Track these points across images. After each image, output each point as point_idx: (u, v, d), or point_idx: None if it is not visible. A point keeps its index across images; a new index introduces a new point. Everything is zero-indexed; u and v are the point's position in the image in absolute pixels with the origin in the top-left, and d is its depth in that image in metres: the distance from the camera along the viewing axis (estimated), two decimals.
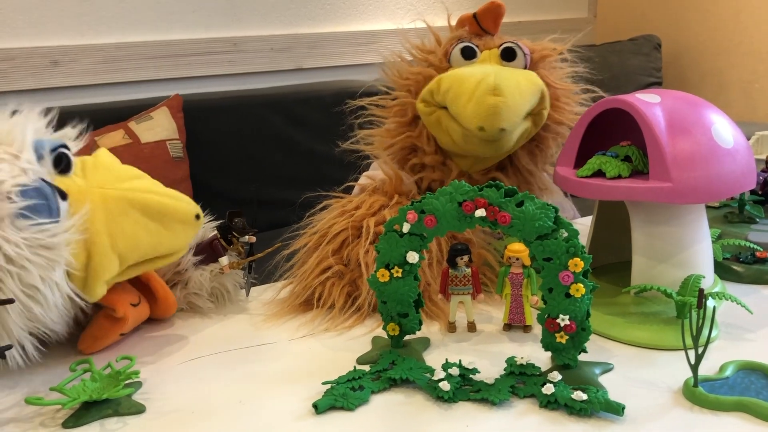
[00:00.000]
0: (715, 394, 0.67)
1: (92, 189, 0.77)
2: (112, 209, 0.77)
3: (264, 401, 0.71)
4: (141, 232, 0.78)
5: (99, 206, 0.76)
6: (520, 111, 0.93)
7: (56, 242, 0.71)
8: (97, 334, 0.82)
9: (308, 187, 1.16)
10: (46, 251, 0.71)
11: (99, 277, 0.75)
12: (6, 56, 1.69)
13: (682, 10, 2.48)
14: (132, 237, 0.77)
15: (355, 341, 0.84)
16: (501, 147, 0.96)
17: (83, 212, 0.74)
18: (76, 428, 0.68)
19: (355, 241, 0.92)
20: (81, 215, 0.74)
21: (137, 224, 0.78)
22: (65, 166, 0.77)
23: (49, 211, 0.72)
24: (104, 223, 0.76)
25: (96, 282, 0.76)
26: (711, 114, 0.84)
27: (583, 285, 0.70)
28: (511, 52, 1.00)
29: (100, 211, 0.76)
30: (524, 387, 0.71)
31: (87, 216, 0.74)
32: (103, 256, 0.75)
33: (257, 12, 2.03)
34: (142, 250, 0.79)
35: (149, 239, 0.79)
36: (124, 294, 0.83)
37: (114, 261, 0.76)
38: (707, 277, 0.85)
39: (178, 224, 0.81)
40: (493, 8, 1.03)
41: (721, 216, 1.11)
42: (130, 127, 1.60)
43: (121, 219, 0.77)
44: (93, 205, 0.76)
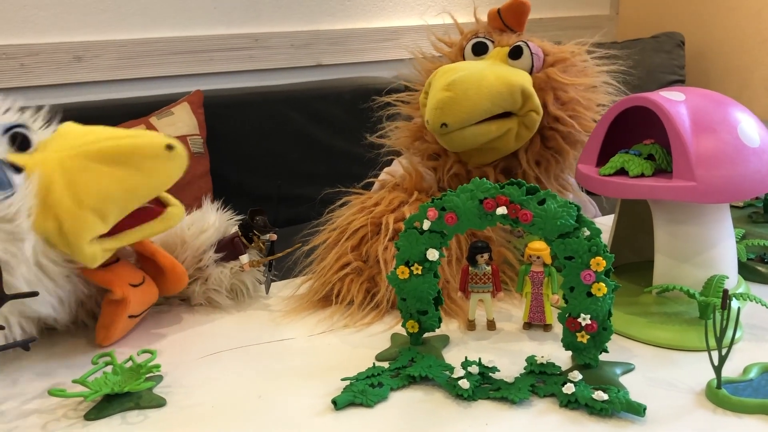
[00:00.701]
0: (739, 396, 0.66)
1: (49, 155, 0.76)
2: (69, 168, 0.75)
3: (283, 397, 0.72)
4: (107, 182, 0.75)
5: (56, 170, 0.75)
6: (470, 108, 0.91)
7: (12, 213, 0.71)
8: (105, 323, 0.82)
9: (327, 183, 1.16)
10: (7, 224, 0.71)
11: (79, 238, 0.74)
12: (30, 52, 1.71)
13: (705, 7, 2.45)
14: (98, 189, 0.75)
15: (374, 338, 0.84)
16: (454, 144, 0.95)
17: (34, 177, 0.73)
18: (98, 420, 0.69)
19: (374, 237, 0.92)
20: (31, 181, 0.73)
21: (101, 175, 0.75)
22: (21, 143, 0.77)
23: (1, 185, 0.72)
24: (63, 185, 0.74)
25: (79, 244, 0.75)
26: (737, 112, 0.83)
27: (604, 284, 0.70)
28: (517, 51, 0.99)
29: (57, 174, 0.75)
30: (544, 386, 0.70)
31: (42, 181, 0.74)
32: (73, 218, 0.74)
33: (278, 8, 2.03)
34: (119, 199, 0.76)
35: (121, 186, 0.76)
36: (123, 274, 0.83)
37: (88, 218, 0.75)
38: (731, 277, 0.84)
39: (148, 161, 0.77)
40: (516, 6, 1.02)
41: (746, 216, 1.10)
42: (151, 122, 1.61)
43: (81, 175, 0.75)
44: (49, 169, 0.75)
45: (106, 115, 1.62)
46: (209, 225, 0.94)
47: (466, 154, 1.01)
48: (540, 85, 0.97)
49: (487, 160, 1.01)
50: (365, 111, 1.13)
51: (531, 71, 0.98)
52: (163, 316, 0.92)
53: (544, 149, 1.00)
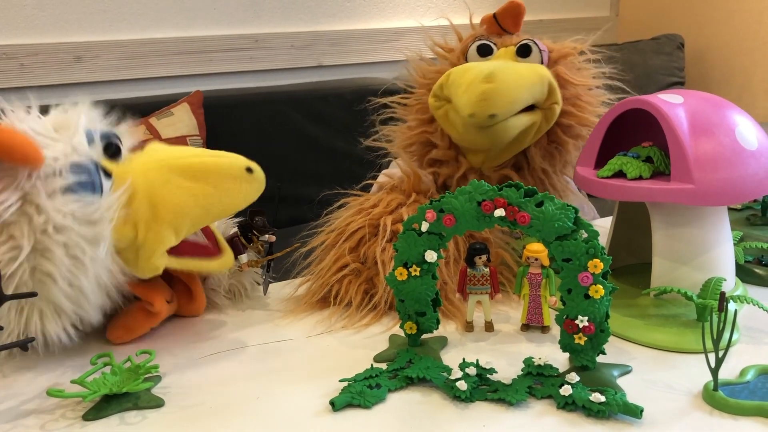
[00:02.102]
0: (736, 398, 0.67)
1: (134, 167, 0.80)
2: (152, 180, 0.78)
3: (281, 397, 0.72)
4: (185, 197, 0.78)
5: (140, 181, 0.78)
6: (514, 97, 0.91)
7: (99, 217, 0.74)
8: (131, 326, 0.84)
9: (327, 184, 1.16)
10: (90, 226, 0.74)
11: (152, 250, 0.77)
12: (30, 52, 1.71)
13: (705, 9, 2.45)
14: (177, 204, 0.78)
15: (372, 339, 0.84)
16: (497, 136, 0.95)
17: (124, 187, 0.76)
18: (96, 421, 0.69)
19: (372, 239, 0.92)
20: (121, 191, 0.76)
21: (181, 189, 0.78)
22: (114, 151, 0.80)
23: (92, 188, 0.75)
24: (145, 196, 0.77)
25: (150, 256, 0.77)
26: (735, 115, 0.83)
27: (602, 286, 0.70)
28: (526, 49, 0.99)
29: (141, 185, 0.78)
30: (542, 388, 0.71)
31: (128, 191, 0.77)
32: (149, 230, 0.77)
33: (278, 9, 2.03)
34: (193, 215, 0.79)
35: (197, 202, 0.79)
36: (162, 290, 0.85)
37: (163, 232, 0.77)
38: (728, 280, 0.84)
39: (227, 181, 0.80)
40: (512, 8, 1.02)
41: (744, 218, 1.10)
42: (151, 122, 1.61)
43: (162, 188, 0.78)
44: (134, 179, 0.78)
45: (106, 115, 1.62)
46: None
47: (478, 158, 1.01)
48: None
49: (501, 159, 1.01)
50: (365, 112, 1.13)
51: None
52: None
53: (548, 143, 1.02)
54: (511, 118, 0.93)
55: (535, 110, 0.97)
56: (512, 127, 0.94)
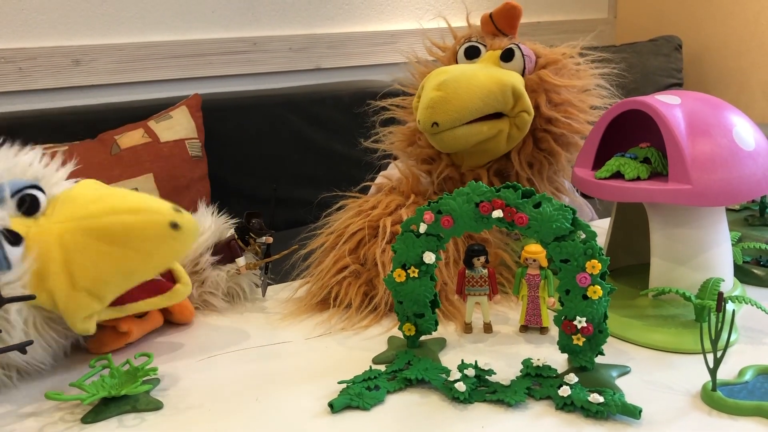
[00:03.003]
0: (734, 398, 0.67)
1: (51, 227, 0.73)
2: (68, 245, 0.72)
3: (280, 399, 0.72)
4: (104, 264, 0.72)
5: (55, 245, 0.72)
6: (461, 107, 0.91)
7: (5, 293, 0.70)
8: (104, 341, 0.83)
9: (325, 186, 1.16)
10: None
11: (73, 316, 0.73)
12: (28, 56, 1.71)
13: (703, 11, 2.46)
14: (95, 271, 0.72)
15: (371, 341, 0.84)
16: (449, 144, 0.95)
17: (31, 257, 0.71)
18: (95, 424, 0.69)
19: (372, 240, 0.92)
20: (28, 262, 0.71)
21: (99, 255, 0.72)
22: (29, 207, 0.75)
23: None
24: (60, 263, 0.72)
25: (73, 321, 0.73)
26: (732, 116, 0.83)
27: (600, 287, 0.70)
28: (509, 53, 0.99)
29: (56, 250, 0.72)
30: (540, 389, 0.71)
31: (40, 256, 0.72)
32: (67, 298, 0.72)
33: (276, 12, 2.03)
34: (115, 281, 0.74)
35: (118, 269, 0.73)
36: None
37: (82, 299, 0.73)
38: (727, 280, 0.84)
39: (148, 242, 0.73)
40: (507, 9, 1.02)
41: (742, 219, 1.10)
42: (149, 126, 1.61)
43: (78, 255, 0.72)
44: (48, 244, 0.72)
45: (105, 119, 1.63)
46: (205, 228, 0.94)
47: (459, 157, 1.01)
48: (532, 86, 0.98)
49: (480, 162, 1.01)
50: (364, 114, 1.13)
51: (523, 73, 0.98)
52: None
53: (537, 151, 1.00)
54: (462, 127, 0.93)
55: (502, 118, 0.96)
56: (463, 136, 0.93)
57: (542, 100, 0.98)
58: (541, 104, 0.97)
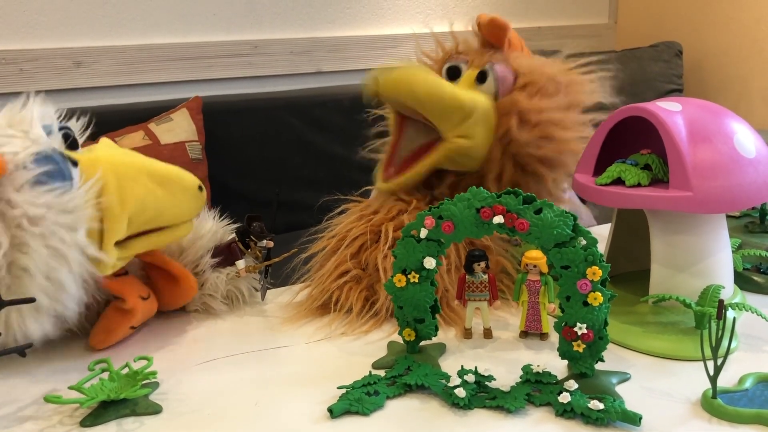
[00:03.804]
0: (734, 406, 0.67)
1: (101, 157, 0.81)
2: (122, 173, 0.80)
3: (279, 404, 0.72)
4: (149, 196, 0.81)
5: (109, 171, 0.79)
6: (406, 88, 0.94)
7: (75, 204, 0.74)
8: (108, 327, 0.84)
9: (326, 189, 1.16)
10: (66, 214, 0.74)
11: (109, 239, 0.78)
12: (30, 57, 1.71)
13: (703, 17, 2.46)
14: (140, 200, 0.80)
15: (371, 346, 0.84)
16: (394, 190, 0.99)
17: (97, 176, 0.78)
18: (94, 427, 0.69)
19: (373, 245, 0.92)
20: (95, 179, 0.77)
21: (146, 188, 0.81)
22: (72, 142, 0.81)
23: (62, 176, 0.75)
24: (115, 187, 0.79)
25: (107, 245, 0.78)
26: (733, 123, 0.83)
27: (601, 294, 0.70)
28: (482, 76, 0.98)
29: (111, 175, 0.79)
30: (540, 395, 0.70)
31: (101, 180, 0.78)
32: (114, 219, 0.78)
33: (277, 15, 2.03)
34: (148, 215, 0.82)
35: (156, 204, 0.82)
36: (135, 286, 0.85)
37: (123, 223, 0.79)
38: (727, 287, 0.84)
39: (182, 192, 0.85)
40: (492, 24, 1.00)
41: (742, 226, 1.10)
42: (150, 128, 1.61)
43: (130, 183, 0.80)
44: (105, 170, 0.79)
45: (106, 120, 1.62)
46: (206, 231, 0.94)
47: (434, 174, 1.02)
48: (504, 109, 0.96)
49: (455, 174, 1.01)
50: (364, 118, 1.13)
51: (498, 96, 0.97)
52: (159, 322, 0.92)
53: (522, 173, 0.98)
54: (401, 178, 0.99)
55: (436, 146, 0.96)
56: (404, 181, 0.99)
57: (513, 123, 0.95)
58: (512, 128, 0.95)
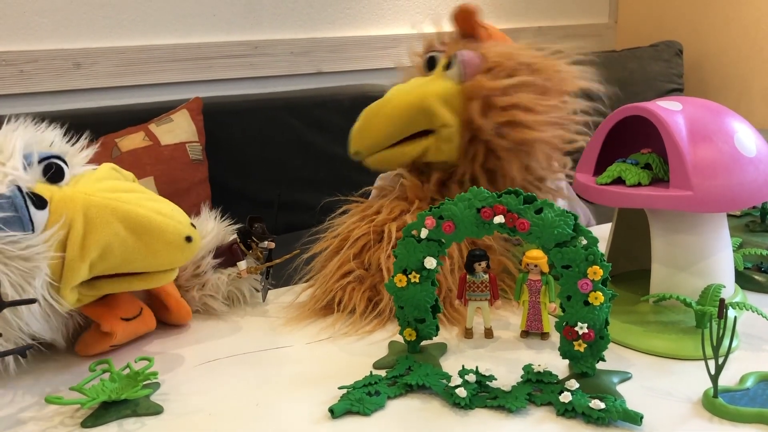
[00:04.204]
0: (736, 405, 0.67)
1: (77, 195, 0.76)
2: (92, 217, 0.75)
3: (280, 404, 0.72)
4: (116, 243, 0.75)
5: (79, 214, 0.75)
6: (375, 134, 0.98)
7: (30, 254, 0.71)
8: (88, 341, 0.83)
9: (326, 190, 1.16)
10: (22, 262, 0.71)
11: (66, 283, 0.75)
12: (29, 58, 1.71)
13: (703, 17, 2.46)
14: (105, 246, 0.75)
15: (372, 346, 0.84)
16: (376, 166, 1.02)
17: (59, 224, 0.73)
18: (95, 428, 0.69)
19: (376, 245, 0.92)
20: (55, 229, 0.73)
21: (115, 237, 0.75)
22: (54, 174, 0.77)
23: (20, 224, 0.72)
24: (80, 232, 0.74)
25: (64, 287, 0.75)
26: (733, 122, 0.83)
27: (602, 293, 0.70)
28: (448, 63, 1.00)
29: (79, 219, 0.74)
30: (541, 395, 0.70)
31: (65, 224, 0.74)
32: (71, 266, 0.74)
33: (277, 16, 2.04)
34: (113, 260, 0.76)
35: (123, 251, 0.76)
36: (116, 308, 0.83)
37: (82, 270, 0.75)
38: (728, 286, 0.84)
39: (161, 244, 0.77)
40: (460, 13, 1.02)
41: (743, 225, 1.10)
42: (150, 129, 1.61)
43: (98, 228, 0.75)
44: (72, 211, 0.75)
45: (106, 121, 1.63)
46: (207, 232, 0.94)
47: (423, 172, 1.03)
48: (469, 94, 0.96)
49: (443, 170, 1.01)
50: None
51: (464, 80, 0.98)
52: (159, 323, 0.91)
53: (496, 159, 0.98)
54: (384, 152, 0.99)
55: (428, 135, 0.97)
56: (386, 159, 1.00)
57: (476, 107, 0.95)
58: (474, 113, 0.95)
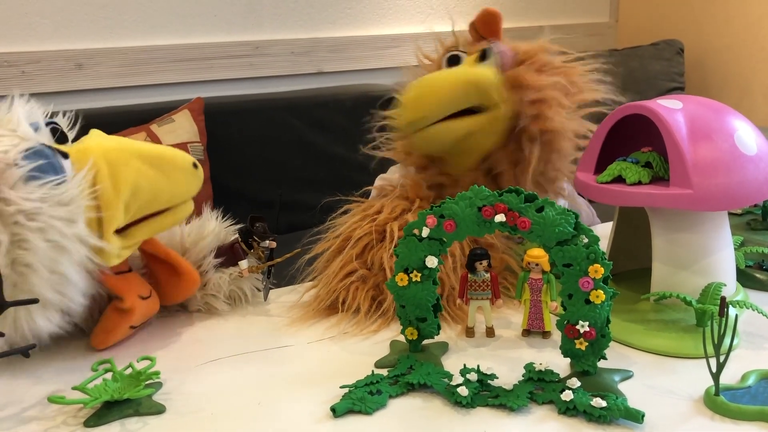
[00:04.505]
0: (737, 403, 0.67)
1: (91, 146, 0.81)
2: (114, 160, 0.80)
3: (282, 404, 0.72)
4: (142, 180, 0.81)
5: (101, 158, 0.79)
6: (430, 102, 0.95)
7: (70, 196, 0.75)
8: (108, 327, 0.84)
9: (328, 190, 1.16)
10: (62, 207, 0.74)
11: (109, 227, 0.78)
12: (31, 59, 1.71)
13: (705, 15, 2.46)
14: (134, 184, 0.80)
15: (374, 345, 0.84)
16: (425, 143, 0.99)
17: (89, 165, 0.78)
18: (98, 427, 0.69)
19: (379, 245, 0.92)
20: (87, 168, 0.77)
21: (138, 172, 0.81)
22: (60, 136, 0.82)
23: (54, 170, 0.76)
24: (108, 174, 0.79)
25: (107, 233, 0.78)
26: (734, 120, 0.83)
27: (603, 291, 0.70)
28: (484, 53, 1.01)
29: (103, 163, 0.79)
30: (543, 393, 0.71)
31: (93, 169, 0.78)
32: (110, 206, 0.78)
33: (278, 15, 2.04)
34: (144, 198, 0.81)
35: (151, 186, 0.82)
36: (134, 285, 0.85)
37: (120, 209, 0.79)
38: (729, 284, 0.84)
39: (177, 171, 0.84)
40: (486, 16, 1.04)
41: (744, 223, 1.10)
42: (152, 129, 1.61)
43: (122, 168, 0.80)
44: (95, 158, 0.79)
45: (107, 122, 1.62)
46: (209, 232, 0.94)
47: (449, 163, 1.02)
48: (511, 83, 0.98)
49: (469, 161, 1.01)
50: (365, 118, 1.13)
51: (503, 70, 0.99)
52: (161, 322, 0.92)
53: (519, 151, 0.99)
54: (435, 126, 0.96)
55: (476, 114, 0.96)
56: (437, 134, 0.97)
57: (520, 96, 0.97)
58: (522, 101, 0.96)
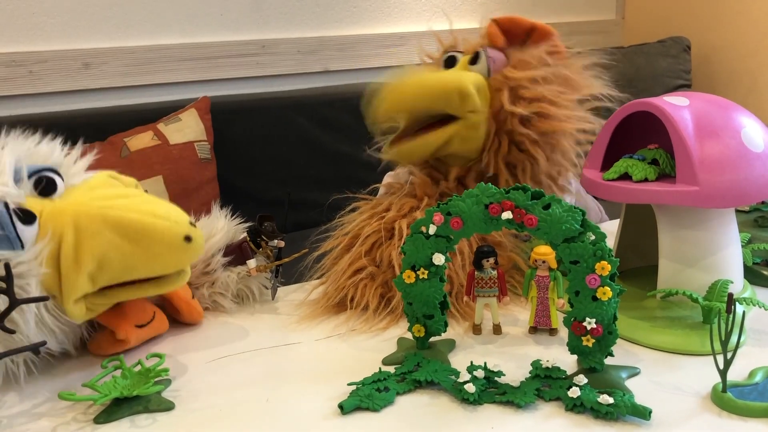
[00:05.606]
0: (744, 399, 0.67)
1: (67, 207, 0.75)
2: (82, 228, 0.74)
3: (290, 400, 0.72)
4: (112, 253, 0.74)
5: (69, 225, 0.74)
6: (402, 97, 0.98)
7: (21, 271, 0.71)
8: (102, 344, 0.83)
9: (334, 188, 1.16)
10: (16, 280, 0.71)
11: (68, 297, 0.74)
12: (38, 59, 1.72)
13: (711, 12, 2.45)
14: (101, 257, 0.74)
15: (381, 342, 0.84)
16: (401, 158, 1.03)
17: (46, 238, 0.73)
18: (108, 424, 0.69)
19: (387, 242, 0.93)
20: (44, 242, 0.73)
21: (109, 245, 0.74)
22: (44, 187, 0.76)
23: (8, 242, 0.71)
24: (72, 244, 0.73)
25: (67, 301, 0.74)
26: (741, 117, 0.83)
27: (610, 288, 0.70)
28: (475, 57, 1.01)
29: (70, 231, 0.73)
30: (550, 390, 0.71)
31: (54, 235, 0.73)
32: (68, 278, 0.73)
33: (285, 14, 2.04)
34: (114, 271, 0.75)
35: (122, 261, 0.74)
36: (130, 314, 0.83)
37: (81, 280, 0.74)
38: (736, 281, 0.84)
39: (159, 246, 0.75)
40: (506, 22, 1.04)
41: (752, 220, 1.10)
42: (159, 128, 1.62)
43: (89, 239, 0.73)
44: (62, 223, 0.74)
45: (115, 121, 1.63)
46: (217, 230, 0.95)
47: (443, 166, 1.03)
48: (497, 85, 0.98)
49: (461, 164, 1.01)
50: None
51: (489, 74, 0.99)
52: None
53: (518, 152, 0.99)
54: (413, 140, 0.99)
55: (450, 123, 0.97)
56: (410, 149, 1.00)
57: (505, 96, 0.97)
58: (504, 101, 0.96)
